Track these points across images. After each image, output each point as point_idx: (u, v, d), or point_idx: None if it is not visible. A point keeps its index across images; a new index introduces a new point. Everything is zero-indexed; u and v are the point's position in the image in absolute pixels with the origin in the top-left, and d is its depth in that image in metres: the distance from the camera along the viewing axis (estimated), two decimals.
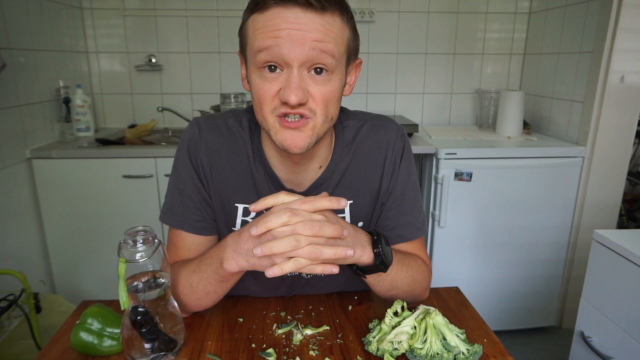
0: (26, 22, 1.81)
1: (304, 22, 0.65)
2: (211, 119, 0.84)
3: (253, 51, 0.68)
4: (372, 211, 0.88)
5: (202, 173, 0.82)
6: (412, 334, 0.73)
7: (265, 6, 0.66)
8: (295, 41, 0.65)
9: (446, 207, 1.92)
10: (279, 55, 0.66)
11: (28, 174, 1.83)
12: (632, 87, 1.86)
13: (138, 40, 2.31)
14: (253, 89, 0.71)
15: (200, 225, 0.83)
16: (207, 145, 0.82)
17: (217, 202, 0.84)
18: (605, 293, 1.32)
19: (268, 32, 0.66)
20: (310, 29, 0.65)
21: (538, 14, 2.34)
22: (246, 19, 0.71)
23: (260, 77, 0.69)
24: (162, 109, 2.31)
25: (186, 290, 0.77)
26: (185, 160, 0.83)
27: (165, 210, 0.85)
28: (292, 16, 0.65)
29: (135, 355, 0.68)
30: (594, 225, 1.96)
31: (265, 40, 0.66)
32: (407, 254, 0.84)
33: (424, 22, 2.39)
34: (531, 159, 1.92)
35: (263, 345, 0.76)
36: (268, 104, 0.69)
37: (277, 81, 0.68)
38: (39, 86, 1.90)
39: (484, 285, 2.06)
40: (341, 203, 0.66)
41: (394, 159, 0.85)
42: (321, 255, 0.63)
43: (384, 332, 0.75)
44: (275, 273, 0.62)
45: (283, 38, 0.65)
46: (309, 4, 0.65)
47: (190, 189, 0.82)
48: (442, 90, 2.52)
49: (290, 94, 0.66)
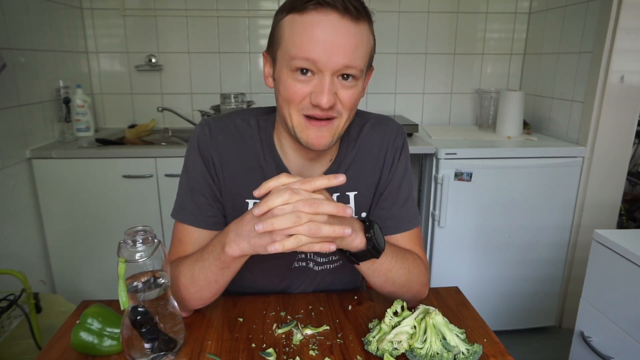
0: (26, 22, 1.81)
1: (341, 31, 0.69)
2: (220, 120, 0.88)
3: (288, 55, 0.72)
4: (372, 202, 0.92)
5: (214, 171, 0.85)
6: (412, 334, 0.73)
7: (304, 8, 0.69)
8: (331, 51, 0.69)
9: (446, 207, 1.92)
10: (314, 63, 0.70)
11: (28, 174, 1.83)
12: (632, 87, 1.86)
13: (138, 40, 2.31)
14: (282, 88, 0.74)
15: (211, 220, 0.86)
16: (218, 145, 0.85)
17: (227, 199, 0.87)
18: (605, 293, 1.32)
19: (305, 40, 0.69)
20: (346, 38, 0.70)
21: (538, 14, 2.34)
22: (281, 19, 0.73)
23: (292, 78, 0.73)
24: (162, 109, 2.31)
25: (187, 282, 0.78)
26: (197, 159, 0.85)
27: (177, 207, 0.87)
28: (330, 24, 0.69)
29: (135, 355, 0.68)
30: (594, 225, 1.96)
31: (302, 48, 0.70)
32: (402, 248, 0.86)
33: (424, 22, 2.39)
34: (531, 159, 1.92)
35: (263, 345, 0.76)
36: (297, 104, 0.74)
37: (308, 84, 0.72)
38: (39, 86, 1.90)
39: (484, 285, 2.06)
40: (339, 179, 0.67)
41: (394, 154, 0.90)
42: (320, 231, 0.64)
43: (383, 331, 0.75)
44: (276, 249, 0.64)
45: (320, 47, 0.69)
46: (346, 10, 0.68)
47: (202, 186, 0.85)
48: (442, 90, 2.52)
49: (323, 98, 0.71)
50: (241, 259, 0.74)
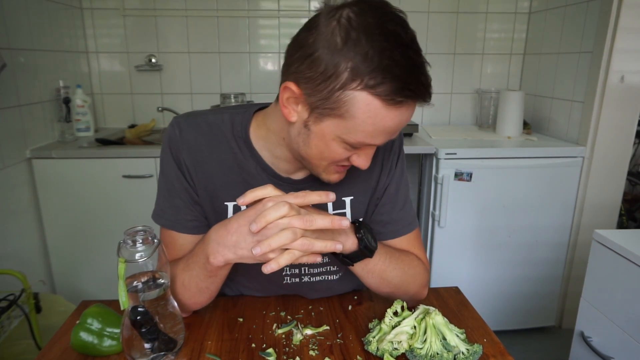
0: (26, 22, 1.81)
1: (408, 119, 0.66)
2: (192, 117, 0.83)
3: (355, 138, 0.65)
4: (367, 206, 0.90)
5: (187, 173, 0.81)
6: (412, 334, 0.73)
7: (394, 102, 0.60)
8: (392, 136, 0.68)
9: (446, 207, 1.92)
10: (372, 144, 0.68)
11: (28, 174, 1.83)
12: (632, 87, 1.85)
13: (138, 40, 2.31)
14: (322, 149, 0.69)
15: (191, 224, 0.82)
16: (189, 145, 0.80)
17: (206, 202, 0.82)
18: (605, 293, 1.32)
19: (382, 134, 0.66)
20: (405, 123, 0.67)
21: (538, 14, 2.34)
22: (353, 89, 0.60)
23: (340, 148, 0.69)
24: (162, 109, 2.32)
25: (179, 289, 0.77)
26: (170, 161, 0.81)
27: (158, 211, 0.84)
28: (408, 117, 0.65)
29: (135, 355, 0.68)
30: (594, 225, 1.96)
31: (376, 139, 0.66)
32: (397, 249, 0.86)
33: (424, 22, 2.39)
34: (531, 159, 1.92)
35: (263, 345, 0.76)
36: (335, 161, 0.72)
37: (351, 151, 0.70)
38: (39, 86, 1.90)
39: (484, 285, 2.06)
40: (330, 197, 0.66)
41: (392, 157, 0.88)
42: (313, 247, 0.64)
43: (383, 332, 0.75)
44: (272, 268, 0.62)
45: (388, 137, 0.67)
46: (425, 101, 0.64)
47: (179, 189, 0.81)
48: (442, 90, 2.52)
49: (365, 165, 0.72)
50: (227, 266, 0.73)
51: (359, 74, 0.59)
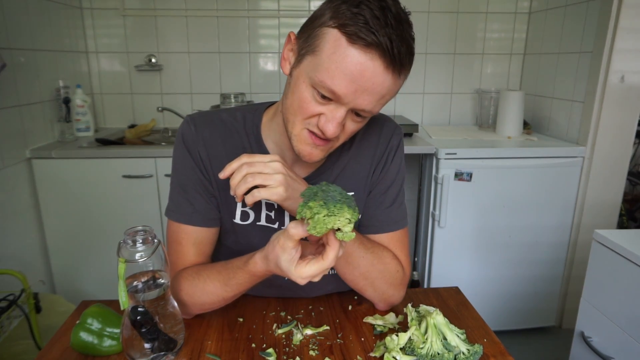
0: (26, 22, 1.81)
1: (378, 80, 0.65)
2: (205, 115, 0.86)
3: (317, 73, 0.67)
4: (365, 203, 0.90)
5: (203, 166, 0.83)
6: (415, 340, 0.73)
7: (354, 40, 0.63)
8: (360, 94, 0.66)
9: (446, 207, 1.92)
10: (340, 97, 0.67)
11: (28, 174, 1.83)
12: (632, 87, 1.86)
13: (138, 40, 2.31)
14: (297, 96, 0.71)
15: (208, 216, 0.84)
16: (205, 140, 0.83)
17: (219, 194, 0.85)
18: (605, 293, 1.32)
19: (340, 74, 0.65)
20: (378, 88, 0.66)
21: (538, 14, 2.34)
22: (328, 26, 0.66)
23: (309, 94, 0.69)
24: (162, 109, 2.31)
25: (198, 296, 0.78)
26: (186, 156, 0.83)
27: (172, 207, 0.85)
28: (370, 71, 0.64)
29: (135, 355, 0.68)
30: (594, 225, 1.96)
31: (334, 80, 0.65)
32: (374, 241, 0.85)
33: (424, 22, 2.39)
34: (531, 159, 1.92)
35: (263, 345, 0.76)
36: (305, 118, 0.72)
37: (323, 107, 0.69)
38: (39, 86, 1.90)
39: (484, 285, 2.06)
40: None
41: (388, 153, 0.89)
42: (254, 180, 0.70)
43: (389, 350, 0.73)
44: (260, 195, 0.70)
45: (351, 87, 0.65)
46: (393, 61, 0.64)
47: (194, 182, 0.83)
48: (442, 90, 2.52)
49: (331, 128, 0.69)
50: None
51: (337, 15, 0.65)
